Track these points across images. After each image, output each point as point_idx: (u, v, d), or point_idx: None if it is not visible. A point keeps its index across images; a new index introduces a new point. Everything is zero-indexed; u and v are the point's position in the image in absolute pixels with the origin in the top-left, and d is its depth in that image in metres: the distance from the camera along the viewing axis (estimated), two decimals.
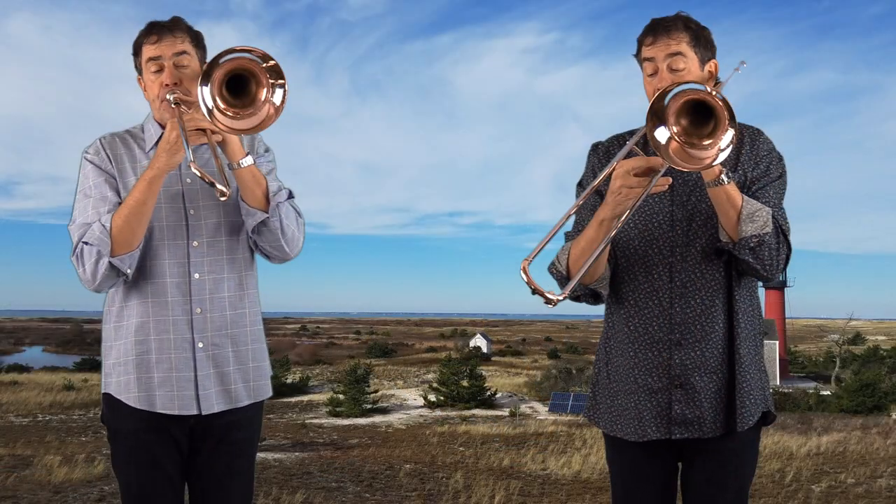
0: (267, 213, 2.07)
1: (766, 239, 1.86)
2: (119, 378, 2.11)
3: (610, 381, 2.10)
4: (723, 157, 1.67)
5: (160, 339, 2.07)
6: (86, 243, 2.00)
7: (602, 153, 2.15)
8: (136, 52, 2.12)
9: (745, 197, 1.88)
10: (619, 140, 2.15)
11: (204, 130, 1.94)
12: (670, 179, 1.85)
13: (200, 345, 2.09)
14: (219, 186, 1.79)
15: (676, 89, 1.69)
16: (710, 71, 2.02)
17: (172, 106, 2.01)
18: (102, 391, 2.17)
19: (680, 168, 1.72)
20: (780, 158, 2.03)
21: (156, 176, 1.98)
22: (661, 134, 1.71)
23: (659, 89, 1.91)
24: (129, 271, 2.03)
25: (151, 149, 2.14)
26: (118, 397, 2.10)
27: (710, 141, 1.68)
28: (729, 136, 1.65)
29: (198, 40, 2.14)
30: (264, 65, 1.82)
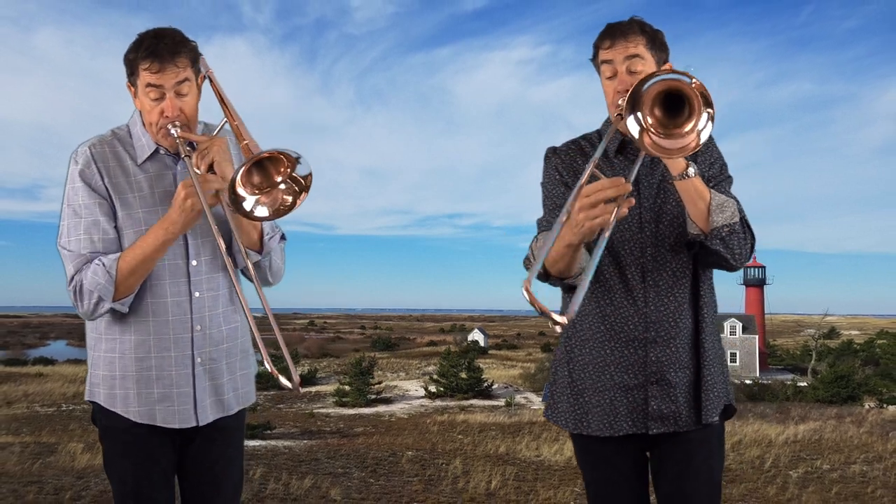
0: (260, 255, 2.03)
1: (736, 228, 1.82)
2: (114, 391, 2.00)
3: (573, 380, 2.01)
4: (705, 136, 1.57)
5: (161, 356, 1.98)
6: (87, 287, 1.89)
7: (563, 156, 2.05)
8: (132, 70, 1.94)
9: (711, 189, 1.83)
10: (575, 145, 2.07)
11: (217, 192, 1.84)
12: (633, 201, 1.72)
13: (199, 360, 2.01)
14: (284, 381, 1.73)
15: (649, 83, 1.58)
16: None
17: (184, 157, 1.91)
18: (88, 399, 2.06)
19: (661, 156, 1.64)
20: (726, 164, 1.99)
21: (170, 240, 1.88)
22: (633, 126, 1.62)
23: (619, 91, 1.87)
24: (126, 310, 1.96)
25: (144, 161, 2.01)
26: (112, 409, 2.00)
27: (690, 127, 1.58)
28: (704, 118, 1.56)
29: (195, 58, 1.98)
30: (290, 170, 1.78)
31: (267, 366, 1.74)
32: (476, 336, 78.22)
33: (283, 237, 2.15)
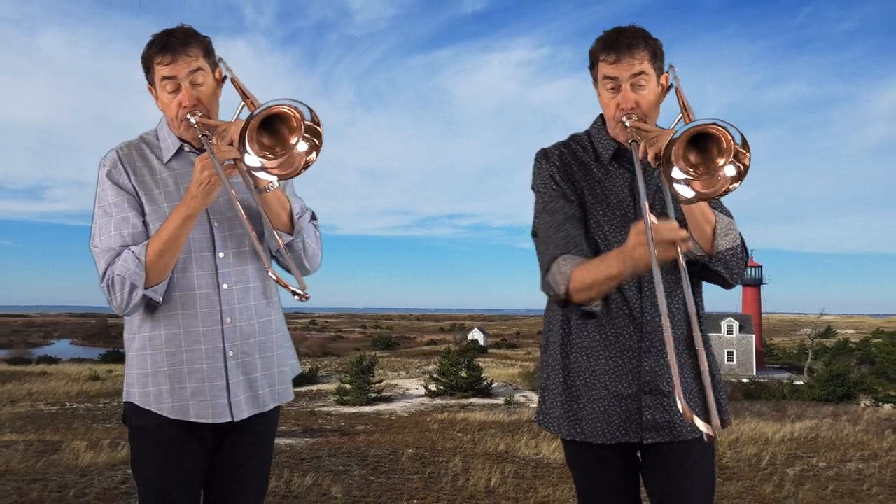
0: (292, 235, 2.01)
1: (738, 251, 1.84)
2: (147, 388, 1.99)
3: (568, 387, 1.98)
4: (731, 170, 1.57)
5: (192, 349, 1.97)
6: (118, 275, 1.89)
7: (558, 161, 1.99)
8: (148, 67, 1.97)
9: (715, 211, 1.82)
10: (567, 149, 2.02)
11: (235, 162, 1.81)
12: (690, 245, 1.75)
13: (231, 353, 1.99)
14: (292, 288, 1.69)
15: (674, 138, 1.56)
16: (661, 84, 1.91)
17: (200, 136, 1.89)
18: (125, 399, 2.05)
19: (719, 195, 1.61)
20: None
21: (192, 215, 1.86)
22: (684, 190, 1.61)
23: (623, 109, 1.86)
24: (160, 299, 1.94)
25: (170, 160, 2.03)
26: (147, 408, 1.99)
27: (723, 160, 1.58)
28: (736, 142, 1.55)
29: (209, 50, 1.99)
30: (304, 120, 1.70)
31: (271, 274, 1.73)
32: (476, 335, 78.18)
33: (313, 216, 2.12)
